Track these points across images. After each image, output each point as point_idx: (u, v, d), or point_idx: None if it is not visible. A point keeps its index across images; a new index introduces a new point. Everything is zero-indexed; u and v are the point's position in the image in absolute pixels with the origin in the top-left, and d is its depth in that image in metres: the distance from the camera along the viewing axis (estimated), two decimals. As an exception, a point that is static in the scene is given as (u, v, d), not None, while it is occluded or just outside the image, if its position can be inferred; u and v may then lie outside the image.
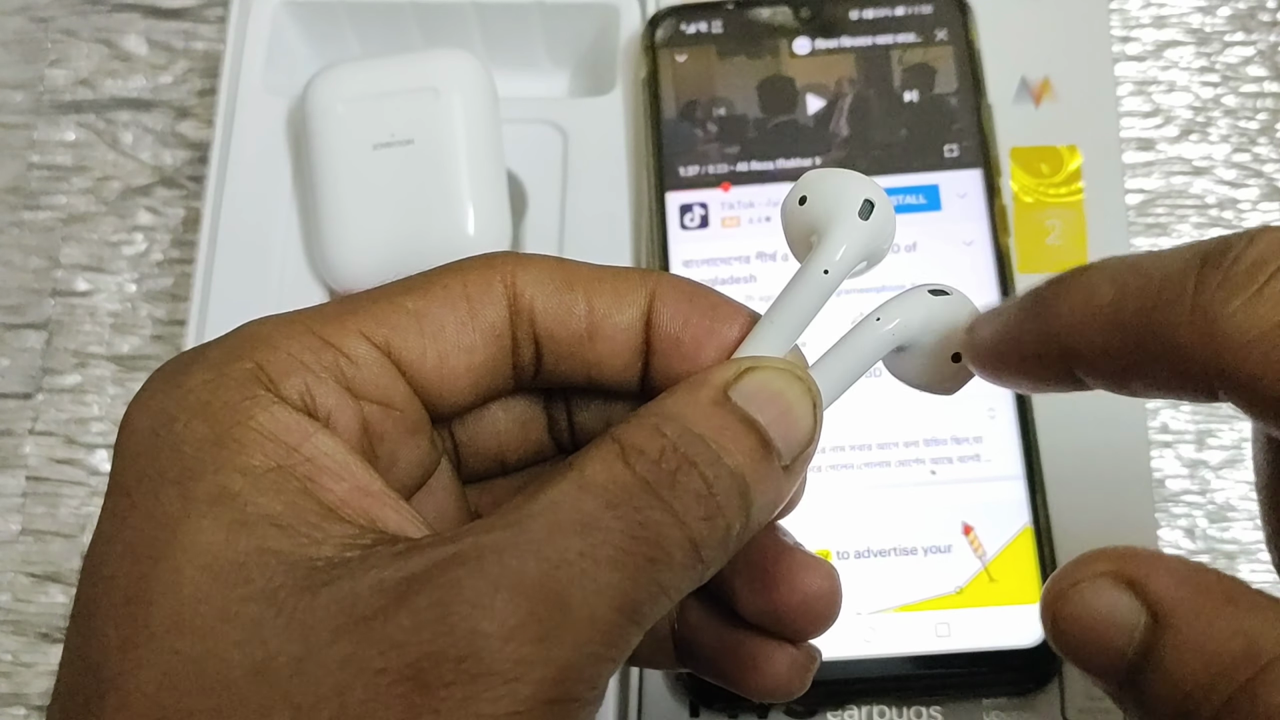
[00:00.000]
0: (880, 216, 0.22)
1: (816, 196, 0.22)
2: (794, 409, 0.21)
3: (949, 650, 0.34)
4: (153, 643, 0.18)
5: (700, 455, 0.19)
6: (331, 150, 0.39)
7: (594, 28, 0.43)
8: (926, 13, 0.40)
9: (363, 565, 0.18)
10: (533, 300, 0.22)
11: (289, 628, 0.17)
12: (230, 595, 0.18)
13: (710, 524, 0.19)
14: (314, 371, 0.20)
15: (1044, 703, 0.35)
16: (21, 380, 0.43)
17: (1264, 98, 0.44)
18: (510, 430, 0.24)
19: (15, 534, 0.41)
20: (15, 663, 0.40)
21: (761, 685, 0.23)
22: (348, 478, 0.19)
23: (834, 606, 0.23)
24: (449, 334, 0.21)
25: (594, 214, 0.40)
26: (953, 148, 0.39)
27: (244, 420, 0.19)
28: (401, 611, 0.17)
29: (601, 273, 0.22)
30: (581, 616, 0.18)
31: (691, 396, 0.20)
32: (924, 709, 0.35)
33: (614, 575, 0.18)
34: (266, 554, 0.18)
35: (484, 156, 0.39)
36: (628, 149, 0.41)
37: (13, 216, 0.45)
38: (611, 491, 0.19)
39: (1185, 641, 0.18)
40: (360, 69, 0.40)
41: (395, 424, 0.21)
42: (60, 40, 0.47)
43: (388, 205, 0.39)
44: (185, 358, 0.20)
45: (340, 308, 0.21)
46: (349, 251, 0.39)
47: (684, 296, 0.22)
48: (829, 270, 0.21)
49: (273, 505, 0.18)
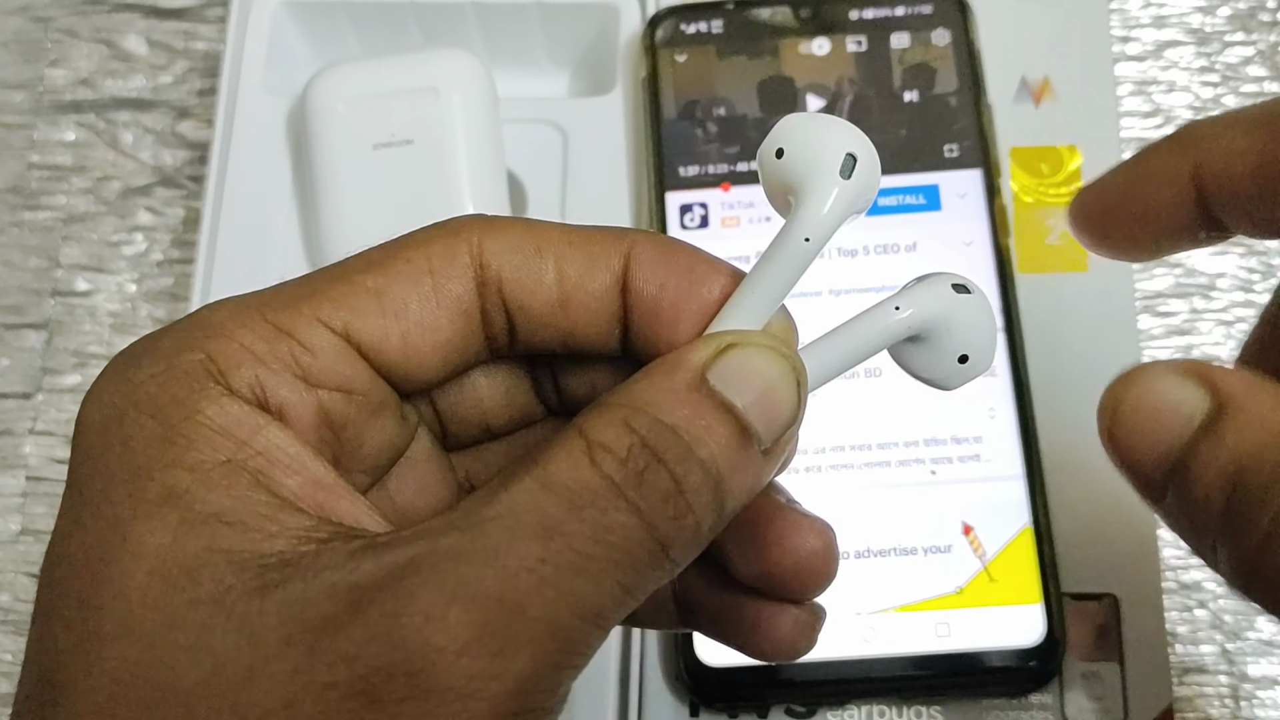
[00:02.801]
0: (864, 172, 0.20)
1: (794, 149, 0.21)
2: (776, 389, 0.20)
3: (949, 650, 0.34)
4: (102, 649, 0.17)
5: (670, 450, 0.18)
6: (331, 150, 0.39)
7: (594, 28, 0.43)
8: (926, 13, 0.40)
9: (315, 564, 0.17)
10: (500, 270, 0.21)
11: (238, 634, 0.17)
12: (178, 599, 0.17)
13: (679, 523, 0.18)
14: (266, 363, 0.20)
15: (1044, 703, 0.35)
16: (21, 380, 0.43)
17: (1264, 98, 0.44)
18: (494, 396, 0.23)
19: (15, 534, 0.41)
20: (15, 663, 0.40)
21: (766, 648, 0.23)
22: (300, 471, 0.19)
23: (830, 565, 0.22)
24: (412, 312, 0.20)
25: (594, 214, 0.40)
26: (953, 148, 0.39)
27: (192, 415, 0.19)
28: (353, 622, 0.17)
29: (573, 235, 0.21)
30: (540, 626, 0.17)
31: (666, 381, 0.19)
32: (924, 709, 0.35)
33: (576, 581, 0.17)
34: (215, 554, 0.18)
35: (484, 156, 0.39)
36: (628, 149, 0.41)
37: (13, 216, 0.45)
38: (575, 492, 0.18)
39: (1248, 417, 0.18)
40: (360, 69, 0.40)
41: (358, 408, 0.21)
42: (60, 40, 0.47)
43: (388, 205, 0.39)
44: (137, 347, 0.20)
45: (297, 290, 0.21)
46: (349, 251, 0.39)
47: (660, 257, 0.21)
48: (810, 238, 0.20)
49: (221, 501, 0.18)
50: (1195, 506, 0.19)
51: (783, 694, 0.35)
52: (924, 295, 0.21)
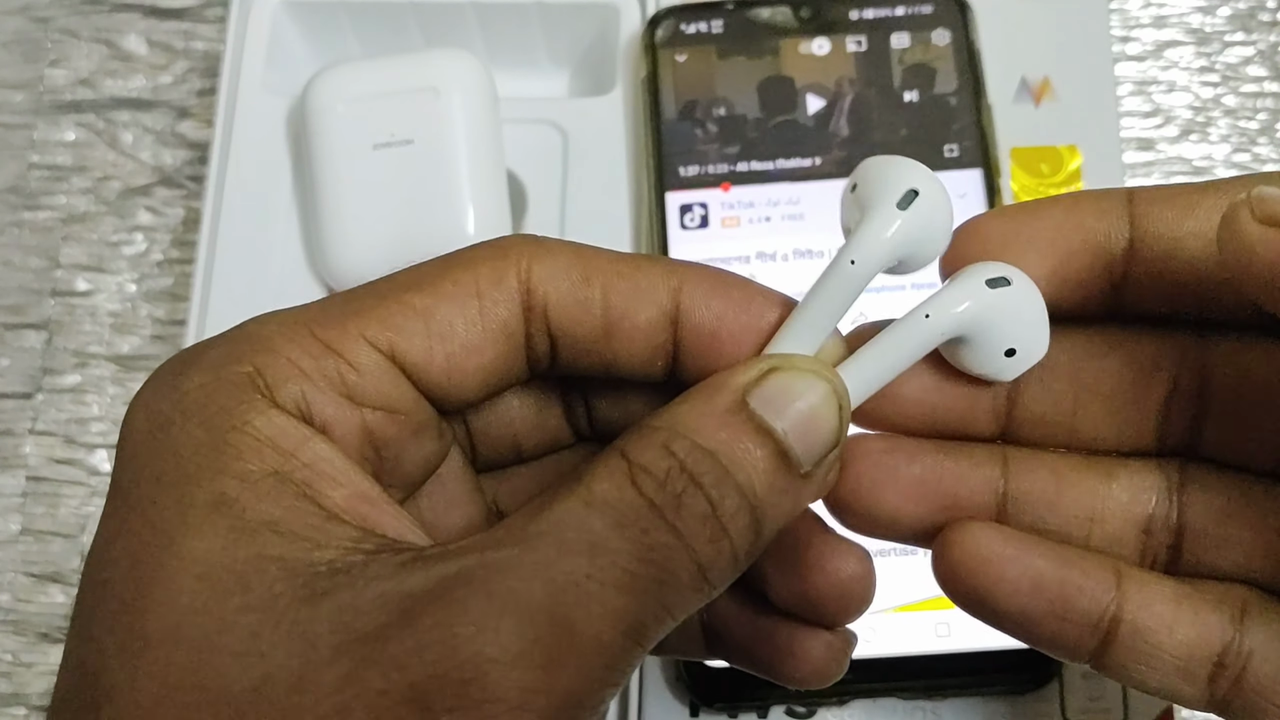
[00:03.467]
0: (923, 208, 0.20)
1: (864, 182, 0.21)
2: (817, 413, 0.20)
3: (949, 650, 0.34)
4: (149, 652, 0.17)
5: (707, 474, 0.19)
6: (331, 150, 0.39)
7: (594, 28, 0.43)
8: (926, 13, 0.40)
9: (364, 574, 0.18)
10: (547, 296, 0.21)
11: (289, 641, 0.17)
12: (228, 605, 0.17)
13: (715, 546, 0.19)
14: (312, 380, 0.20)
15: (1044, 703, 0.35)
16: (21, 380, 0.43)
17: (1264, 98, 0.44)
18: (526, 418, 0.23)
19: (15, 534, 0.41)
20: (15, 663, 0.40)
21: (797, 673, 0.23)
22: (346, 483, 0.19)
23: (869, 590, 0.22)
24: (458, 334, 0.21)
25: (594, 214, 0.40)
26: (953, 148, 0.39)
27: (240, 425, 0.19)
28: (405, 631, 0.17)
29: (622, 265, 0.21)
30: (587, 641, 0.17)
31: (707, 405, 0.19)
32: (924, 708, 0.35)
33: (621, 599, 0.18)
34: (265, 561, 0.18)
35: (484, 156, 0.39)
36: (628, 149, 0.41)
37: (13, 216, 0.45)
38: (619, 511, 0.18)
39: None
40: (360, 69, 0.40)
41: (400, 427, 0.21)
42: (60, 40, 0.47)
43: (388, 205, 0.39)
44: (185, 356, 0.20)
45: (344, 307, 0.21)
46: (349, 251, 0.39)
47: (714, 290, 0.21)
48: (855, 261, 0.20)
49: (271, 510, 0.18)
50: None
51: (783, 694, 0.35)
52: (955, 298, 0.21)
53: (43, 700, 0.40)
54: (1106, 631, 0.21)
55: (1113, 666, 0.21)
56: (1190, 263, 0.21)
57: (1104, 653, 0.21)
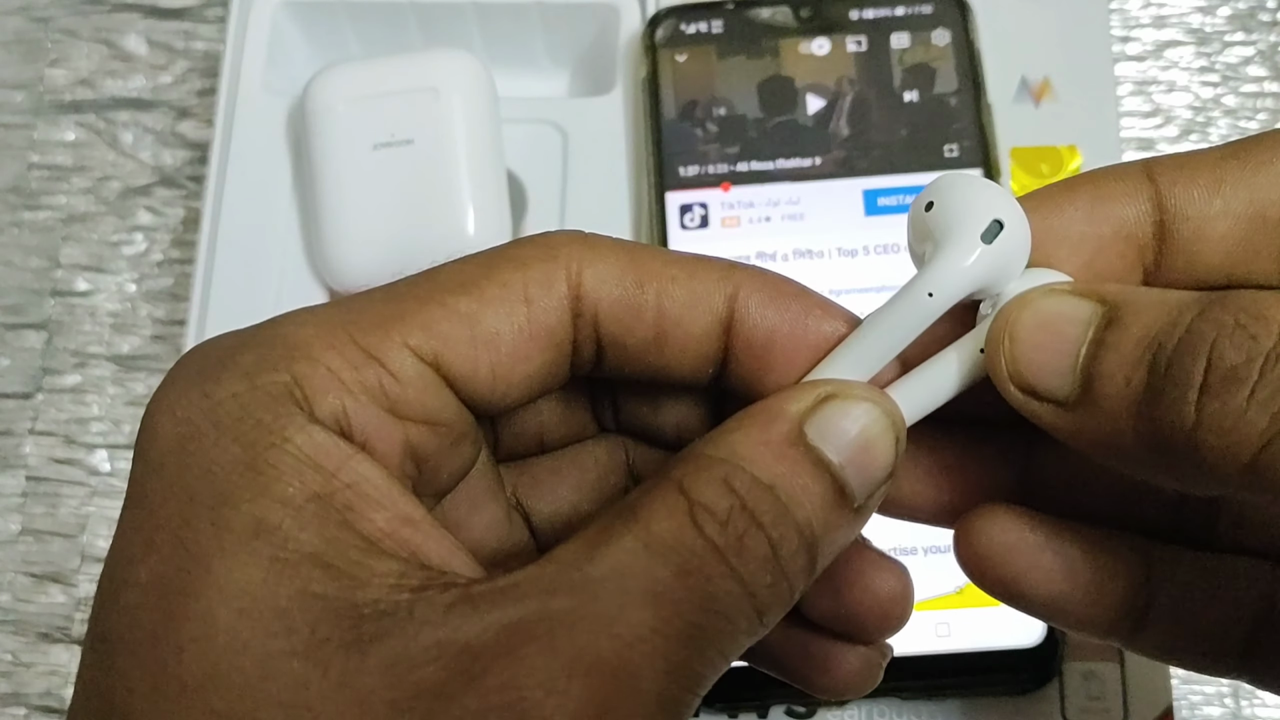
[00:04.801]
0: (1008, 242, 0.19)
1: (942, 204, 0.19)
2: (873, 446, 0.19)
3: (949, 650, 0.34)
4: (185, 697, 0.16)
5: (767, 513, 0.18)
6: (331, 150, 0.39)
7: (594, 28, 0.43)
8: (926, 13, 0.40)
9: (412, 618, 0.17)
10: (598, 302, 0.20)
11: (338, 694, 0.16)
12: (272, 647, 0.16)
13: (774, 590, 0.18)
14: (352, 391, 0.18)
15: (1044, 703, 0.35)
16: (21, 380, 0.43)
17: (1264, 98, 0.44)
18: (553, 411, 0.23)
19: (15, 534, 0.41)
20: (15, 663, 0.40)
21: (832, 685, 0.22)
22: (389, 506, 0.18)
23: (907, 608, 0.22)
24: (505, 343, 0.19)
25: (594, 214, 0.40)
26: (953, 148, 0.39)
27: (279, 443, 0.18)
28: (468, 691, 0.16)
29: (676, 269, 0.20)
30: (651, 699, 0.17)
31: (763, 435, 0.19)
32: (924, 708, 0.35)
33: (684, 651, 0.17)
34: (309, 599, 0.17)
35: (484, 156, 0.39)
36: (628, 149, 0.41)
37: (13, 216, 0.45)
38: (682, 556, 0.17)
39: (1143, 305, 0.18)
40: (360, 69, 0.40)
41: (440, 439, 0.20)
42: (60, 40, 0.47)
43: (388, 205, 0.39)
44: (214, 357, 0.19)
45: (385, 309, 0.19)
46: (349, 251, 0.39)
47: (771, 300, 0.20)
48: (933, 294, 0.19)
49: (314, 541, 0.17)
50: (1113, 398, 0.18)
51: (783, 694, 0.35)
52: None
53: (43, 700, 0.40)
54: (1141, 612, 0.21)
55: (1147, 645, 0.21)
56: (1220, 241, 0.20)
57: (1138, 632, 0.21)
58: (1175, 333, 0.17)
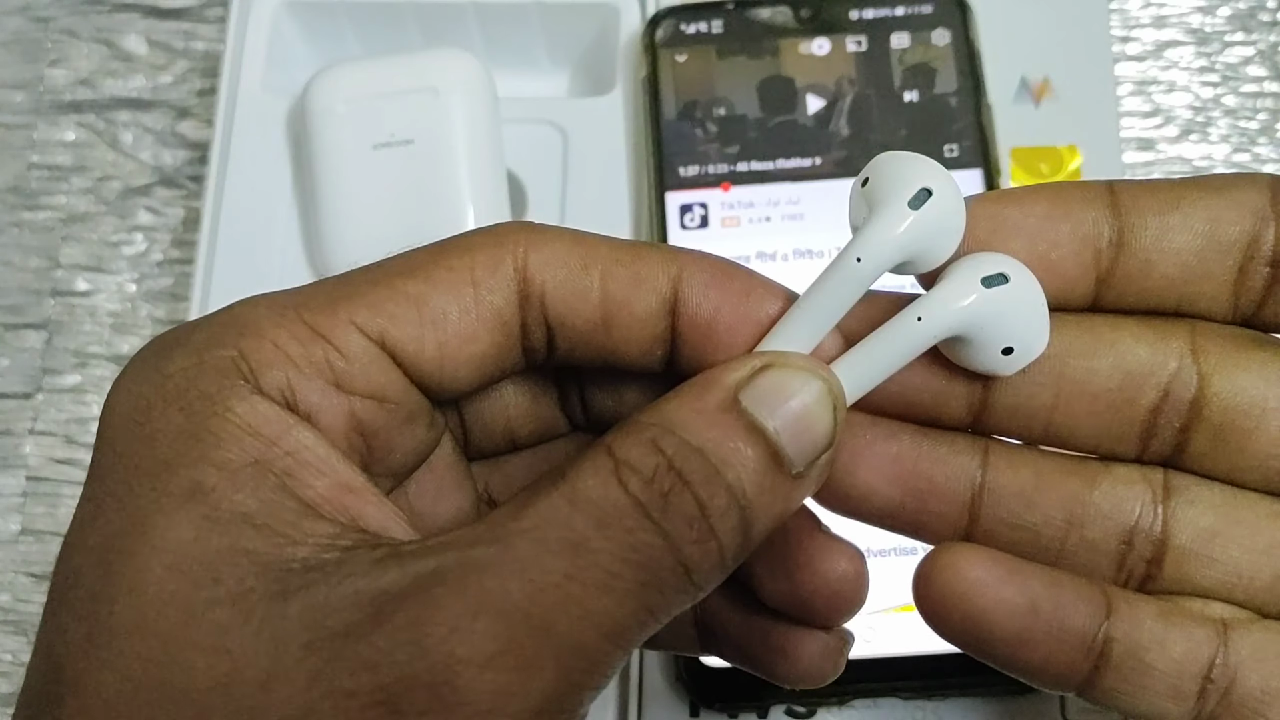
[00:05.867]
0: (935, 209, 0.19)
1: (876, 178, 0.20)
2: (810, 412, 0.19)
3: (949, 650, 0.34)
4: (114, 643, 0.17)
5: (696, 473, 0.18)
6: (331, 150, 0.39)
7: (594, 28, 0.43)
8: (926, 13, 0.40)
9: (339, 571, 0.17)
10: (544, 284, 0.20)
11: (257, 637, 0.17)
12: (197, 597, 0.17)
13: (702, 547, 0.18)
14: (298, 366, 0.19)
15: (1044, 703, 0.35)
16: (21, 380, 0.43)
17: (1264, 98, 0.44)
18: (520, 407, 0.23)
19: (15, 534, 0.41)
20: (15, 663, 0.40)
21: (792, 673, 0.22)
22: (329, 473, 0.18)
23: (861, 590, 0.22)
24: (451, 322, 0.20)
25: (594, 214, 0.40)
26: (953, 148, 0.39)
27: (221, 412, 0.18)
28: (376, 630, 0.16)
29: (621, 253, 0.21)
30: (566, 644, 0.17)
31: (697, 401, 0.19)
32: (924, 708, 0.35)
33: (602, 600, 0.17)
34: (239, 554, 0.17)
35: (484, 156, 0.39)
36: (628, 149, 0.41)
37: (13, 216, 0.45)
38: (602, 510, 0.18)
39: None
40: (360, 69, 0.40)
41: (389, 416, 0.20)
42: (60, 40, 0.47)
43: (388, 205, 0.39)
44: (169, 338, 0.20)
45: (335, 291, 0.20)
46: (349, 251, 0.39)
47: (714, 280, 0.21)
48: (861, 259, 0.19)
49: (248, 502, 0.18)
50: None
51: (783, 694, 0.35)
52: (950, 298, 0.20)
53: (43, 700, 0.40)
54: (1100, 653, 0.20)
55: (1103, 690, 0.21)
56: (1176, 254, 0.20)
57: (1096, 677, 0.21)
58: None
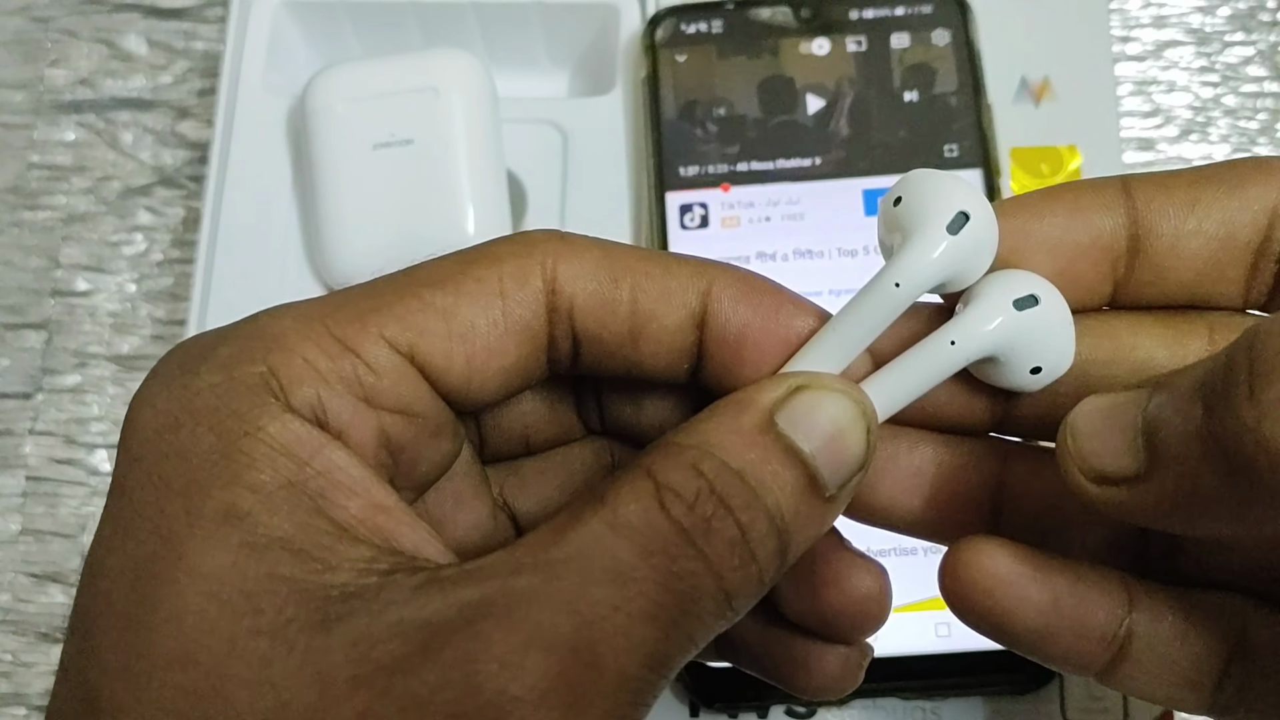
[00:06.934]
0: (973, 234, 0.19)
1: (910, 198, 0.20)
2: (845, 435, 0.19)
3: (949, 650, 0.34)
4: (154, 674, 0.17)
5: (737, 497, 0.18)
6: (331, 150, 0.39)
7: (594, 28, 0.43)
8: (926, 13, 0.40)
9: (379, 598, 0.17)
10: (573, 296, 0.20)
11: (301, 670, 0.16)
12: (238, 627, 0.17)
13: (743, 572, 0.18)
14: (328, 381, 0.19)
15: (1044, 703, 0.35)
16: (21, 380, 0.43)
17: (1264, 98, 0.44)
18: (538, 411, 0.23)
19: (15, 534, 0.41)
20: (15, 663, 0.40)
21: (811, 685, 0.22)
22: (361, 493, 0.18)
23: (884, 608, 0.22)
24: (480, 335, 0.20)
25: (594, 214, 0.40)
26: (953, 148, 0.39)
27: (253, 431, 0.18)
28: (425, 665, 0.16)
29: (650, 265, 0.20)
30: (612, 676, 0.17)
31: (734, 422, 0.19)
32: (924, 708, 0.35)
33: (648, 630, 0.17)
34: (277, 581, 0.17)
35: (484, 156, 0.39)
36: (628, 149, 0.41)
37: (13, 216, 0.45)
38: (646, 537, 0.17)
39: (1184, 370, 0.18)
40: (360, 69, 0.40)
41: (417, 430, 0.20)
42: (60, 40, 0.47)
43: (388, 205, 0.39)
44: (193, 350, 0.19)
45: (362, 303, 0.20)
46: (349, 251, 0.39)
47: (743, 295, 0.20)
48: (900, 284, 0.19)
49: (284, 526, 0.17)
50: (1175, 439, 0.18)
51: (782, 694, 0.35)
52: (981, 323, 0.20)
53: (43, 700, 0.40)
54: (1120, 646, 0.21)
55: (1123, 679, 0.21)
56: (1191, 258, 0.20)
57: (1116, 666, 0.21)
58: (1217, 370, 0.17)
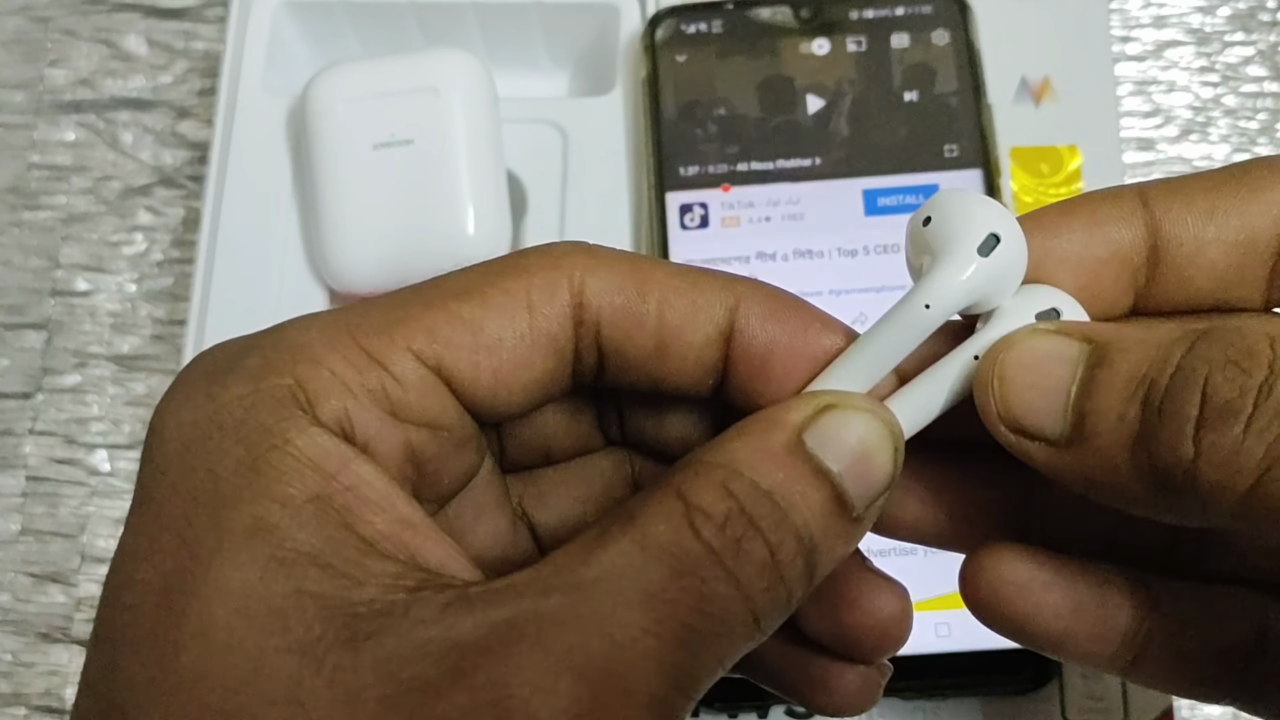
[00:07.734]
0: (1004, 256, 0.19)
1: (940, 218, 0.20)
2: (873, 455, 0.19)
3: (949, 650, 0.34)
4: (181, 691, 0.16)
5: (766, 518, 0.18)
6: (331, 150, 0.39)
7: (594, 28, 0.43)
8: (926, 13, 0.40)
9: (407, 617, 0.17)
10: (600, 310, 0.20)
11: (330, 690, 0.16)
12: (267, 644, 0.16)
13: (772, 594, 0.18)
14: (355, 394, 0.19)
15: (1044, 703, 0.35)
16: (21, 380, 0.43)
17: (1264, 98, 0.44)
18: (558, 422, 0.23)
19: (15, 534, 0.41)
20: (15, 663, 0.40)
21: (830, 704, 0.22)
22: (388, 508, 0.18)
23: (906, 628, 0.22)
24: (507, 348, 0.20)
25: (594, 214, 0.40)
26: (953, 148, 0.39)
27: (281, 445, 0.18)
28: (456, 688, 0.16)
29: (679, 280, 0.20)
30: (643, 700, 0.17)
31: (763, 441, 0.19)
32: (924, 708, 0.35)
33: (678, 654, 0.17)
34: (305, 597, 0.17)
35: (484, 156, 0.39)
36: (628, 149, 0.41)
37: (13, 216, 0.45)
38: (677, 558, 0.17)
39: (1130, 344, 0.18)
40: (360, 69, 0.40)
41: (442, 443, 0.20)
42: (60, 40, 0.47)
43: (388, 205, 0.39)
44: (221, 361, 0.19)
45: (389, 314, 0.20)
46: (349, 251, 0.39)
47: (770, 312, 0.20)
48: (930, 305, 0.19)
49: (311, 541, 0.17)
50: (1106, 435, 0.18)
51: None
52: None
53: (43, 700, 0.40)
54: (1142, 644, 0.21)
55: (1144, 675, 0.21)
56: (1212, 266, 0.20)
57: (1138, 664, 0.21)
58: (1166, 370, 0.18)
